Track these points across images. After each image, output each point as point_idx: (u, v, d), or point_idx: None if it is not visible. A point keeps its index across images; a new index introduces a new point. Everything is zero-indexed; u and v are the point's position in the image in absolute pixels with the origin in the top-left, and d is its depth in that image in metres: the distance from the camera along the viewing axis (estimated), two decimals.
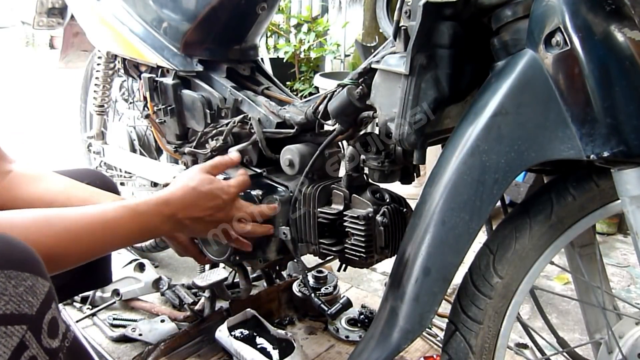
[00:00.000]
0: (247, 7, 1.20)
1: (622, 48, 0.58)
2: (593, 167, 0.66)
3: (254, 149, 1.14)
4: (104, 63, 1.57)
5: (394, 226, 0.94)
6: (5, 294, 0.43)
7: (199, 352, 1.27)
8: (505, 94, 0.65)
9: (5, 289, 0.43)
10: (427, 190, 0.71)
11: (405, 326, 0.70)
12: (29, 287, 0.45)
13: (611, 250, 2.04)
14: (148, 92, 1.31)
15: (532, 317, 1.52)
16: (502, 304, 0.72)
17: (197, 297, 1.46)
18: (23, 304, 0.45)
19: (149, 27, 1.31)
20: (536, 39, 0.63)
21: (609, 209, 0.70)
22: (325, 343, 1.33)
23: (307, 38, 3.75)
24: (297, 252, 1.02)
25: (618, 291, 1.73)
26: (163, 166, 1.47)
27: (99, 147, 1.71)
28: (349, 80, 0.92)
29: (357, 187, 0.99)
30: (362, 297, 1.56)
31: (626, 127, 0.58)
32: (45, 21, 1.67)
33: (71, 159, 2.40)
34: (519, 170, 0.65)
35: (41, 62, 6.78)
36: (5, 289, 0.43)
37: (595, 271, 0.80)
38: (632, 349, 0.73)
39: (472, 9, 0.75)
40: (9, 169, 0.85)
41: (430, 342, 1.33)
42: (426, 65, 0.77)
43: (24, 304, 0.45)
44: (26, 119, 3.90)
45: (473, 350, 0.72)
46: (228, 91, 1.20)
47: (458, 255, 0.68)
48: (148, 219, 0.75)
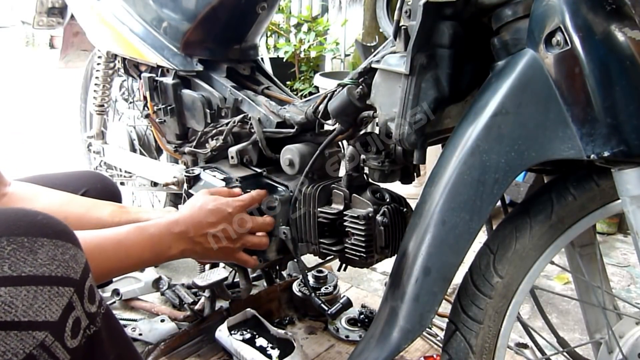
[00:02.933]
0: (247, 7, 1.20)
1: (622, 48, 0.58)
2: (593, 166, 0.66)
3: (254, 148, 1.14)
4: (104, 63, 1.57)
5: (394, 226, 0.94)
6: (55, 259, 0.49)
7: (199, 351, 1.27)
8: (506, 93, 0.65)
9: (55, 255, 0.50)
10: (427, 190, 0.71)
11: (405, 326, 0.69)
12: (73, 256, 0.51)
13: (611, 250, 2.04)
14: (148, 91, 1.31)
15: (532, 317, 1.52)
16: (503, 304, 0.72)
17: (197, 296, 1.46)
18: (70, 270, 0.51)
19: (149, 27, 1.31)
20: (536, 38, 0.63)
21: (609, 209, 0.70)
22: (325, 343, 1.33)
23: (307, 38, 3.75)
24: (297, 251, 1.02)
25: (618, 291, 1.73)
26: (163, 166, 1.47)
27: (99, 147, 1.71)
28: (349, 80, 0.92)
29: (357, 187, 0.99)
30: (362, 297, 1.56)
31: (626, 127, 0.57)
32: (45, 21, 1.67)
33: (71, 159, 2.40)
34: (519, 170, 0.65)
35: (41, 62, 6.78)
36: (55, 254, 0.50)
37: (596, 271, 0.80)
38: (632, 348, 0.73)
39: (473, 9, 0.75)
40: (5, 192, 0.88)
41: (431, 342, 1.33)
42: (426, 65, 0.77)
43: (70, 270, 0.51)
44: (26, 119, 3.90)
45: (473, 350, 0.72)
46: (228, 91, 1.20)
47: (458, 255, 0.68)
48: (160, 239, 0.79)
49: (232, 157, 1.15)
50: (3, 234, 0.48)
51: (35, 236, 0.49)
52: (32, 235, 0.49)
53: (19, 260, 0.47)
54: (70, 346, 0.50)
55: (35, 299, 0.47)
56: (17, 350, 0.46)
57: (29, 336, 0.47)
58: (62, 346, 0.49)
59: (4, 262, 0.47)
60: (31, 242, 0.48)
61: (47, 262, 0.49)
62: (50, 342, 0.48)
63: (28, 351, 0.47)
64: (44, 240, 0.49)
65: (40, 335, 0.47)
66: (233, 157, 1.14)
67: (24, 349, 0.46)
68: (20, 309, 0.46)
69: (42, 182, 0.97)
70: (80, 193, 1.04)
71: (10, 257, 0.47)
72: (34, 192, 0.93)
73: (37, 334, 0.47)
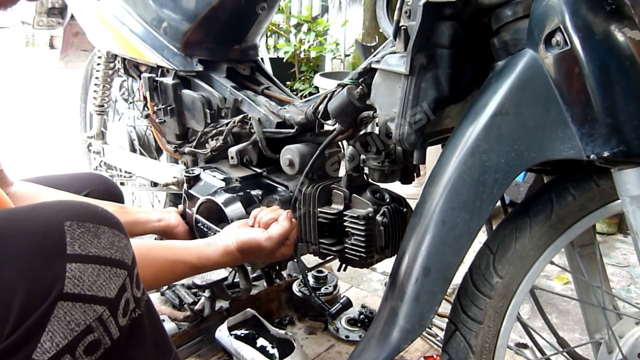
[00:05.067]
0: (247, 7, 1.20)
1: (622, 48, 0.58)
2: (593, 167, 0.66)
3: (254, 148, 1.14)
4: (104, 63, 1.57)
5: (394, 226, 0.94)
6: (114, 244, 0.55)
7: (199, 352, 1.27)
8: (506, 93, 0.65)
9: (114, 241, 0.55)
10: (427, 190, 0.71)
11: (405, 326, 0.69)
12: (126, 245, 0.57)
13: (611, 250, 2.04)
14: (148, 92, 1.31)
15: (532, 317, 1.52)
16: (502, 304, 0.72)
17: (197, 297, 1.46)
18: (124, 256, 0.56)
19: (149, 27, 1.31)
20: (536, 38, 0.63)
21: (609, 209, 0.69)
22: (325, 343, 1.33)
23: (307, 38, 3.75)
24: (297, 252, 1.02)
25: (618, 291, 1.73)
26: (163, 166, 1.47)
27: (99, 147, 1.71)
28: (349, 80, 0.92)
29: (357, 187, 0.99)
30: (362, 297, 1.56)
31: (626, 127, 0.57)
32: (45, 21, 1.67)
33: (71, 159, 2.40)
34: (519, 170, 0.65)
35: (41, 62, 6.77)
36: (113, 241, 0.55)
37: (595, 271, 0.80)
38: (632, 348, 0.73)
39: (472, 9, 0.75)
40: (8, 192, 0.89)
41: (430, 342, 1.33)
42: (426, 65, 0.77)
43: (125, 256, 0.56)
44: (26, 119, 3.90)
45: (473, 350, 0.72)
46: (228, 91, 1.20)
47: (458, 255, 0.68)
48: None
49: (232, 157, 1.15)
50: (73, 219, 0.53)
51: (98, 224, 0.55)
52: (96, 223, 0.55)
53: (86, 241, 0.53)
54: (121, 324, 0.55)
55: (98, 276, 0.53)
56: (80, 320, 0.51)
57: (91, 309, 0.52)
58: (115, 322, 0.54)
59: (75, 241, 0.52)
60: (95, 228, 0.54)
61: (107, 246, 0.54)
62: (107, 317, 0.53)
63: (88, 323, 0.52)
64: (104, 228, 0.55)
65: (100, 309, 0.52)
66: (233, 157, 1.14)
67: (85, 320, 0.51)
68: (87, 283, 0.51)
69: (46, 183, 0.98)
70: (83, 194, 1.05)
71: (80, 238, 0.53)
72: (37, 191, 0.94)
73: (97, 308, 0.52)
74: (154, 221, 1.07)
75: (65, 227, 0.52)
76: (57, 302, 0.49)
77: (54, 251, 0.51)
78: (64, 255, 0.51)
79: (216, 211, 1.02)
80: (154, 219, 1.07)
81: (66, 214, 0.53)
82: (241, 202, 1.01)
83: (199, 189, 1.12)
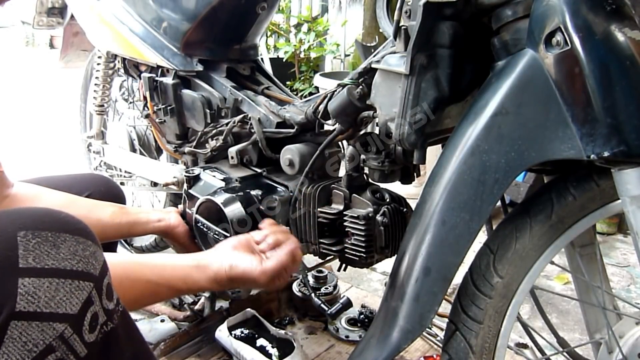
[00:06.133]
0: (247, 7, 1.20)
1: (622, 48, 0.58)
2: (593, 167, 0.66)
3: (254, 148, 1.14)
4: (104, 63, 1.57)
5: (394, 226, 0.94)
6: (77, 254, 0.51)
7: (199, 352, 1.27)
8: (506, 93, 0.65)
9: (77, 251, 0.51)
10: (427, 190, 0.71)
11: (405, 326, 0.69)
12: (92, 253, 0.53)
13: (611, 250, 2.04)
14: (148, 91, 1.31)
15: (532, 317, 1.52)
16: (503, 304, 0.72)
17: (197, 297, 1.46)
18: (89, 265, 0.52)
19: (149, 27, 1.31)
20: (536, 38, 0.63)
21: (609, 209, 0.69)
22: (325, 343, 1.33)
23: (307, 38, 3.74)
24: None
25: (618, 291, 1.73)
26: (163, 166, 1.47)
27: (99, 147, 1.71)
28: (349, 80, 0.92)
29: (357, 187, 0.99)
30: (362, 297, 1.56)
31: (626, 127, 0.57)
32: (45, 21, 1.67)
33: (71, 159, 2.40)
34: (519, 170, 0.65)
35: (41, 62, 6.77)
36: (76, 250, 0.51)
37: (596, 271, 0.80)
38: (632, 348, 0.73)
39: (472, 9, 0.75)
40: (8, 193, 0.88)
41: (430, 342, 1.33)
42: (426, 65, 0.77)
43: (90, 266, 0.52)
44: (26, 119, 3.90)
45: (473, 350, 0.72)
46: (228, 91, 1.20)
47: (458, 255, 0.68)
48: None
49: (232, 157, 1.15)
50: (28, 228, 0.49)
51: (58, 231, 0.50)
52: (55, 231, 0.50)
53: (42, 253, 0.49)
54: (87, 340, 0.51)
55: (57, 291, 0.48)
56: (38, 340, 0.47)
57: (50, 327, 0.48)
58: (79, 339, 0.50)
59: (29, 254, 0.48)
60: (54, 237, 0.50)
61: (68, 257, 0.50)
62: (69, 335, 0.49)
63: (48, 342, 0.47)
64: (66, 236, 0.51)
65: (60, 327, 0.48)
66: (233, 157, 1.14)
67: (44, 339, 0.47)
68: (43, 300, 0.47)
69: (47, 185, 0.97)
70: (84, 195, 1.04)
71: (34, 250, 0.48)
72: (37, 192, 0.93)
73: (57, 326, 0.48)
74: (154, 221, 1.07)
75: (18, 238, 0.48)
76: (10, 321, 0.46)
77: (4, 266, 0.47)
78: (15, 270, 0.47)
79: (216, 211, 1.02)
80: (154, 219, 1.07)
81: (20, 223, 0.49)
82: (241, 202, 1.01)
83: (199, 189, 1.12)
